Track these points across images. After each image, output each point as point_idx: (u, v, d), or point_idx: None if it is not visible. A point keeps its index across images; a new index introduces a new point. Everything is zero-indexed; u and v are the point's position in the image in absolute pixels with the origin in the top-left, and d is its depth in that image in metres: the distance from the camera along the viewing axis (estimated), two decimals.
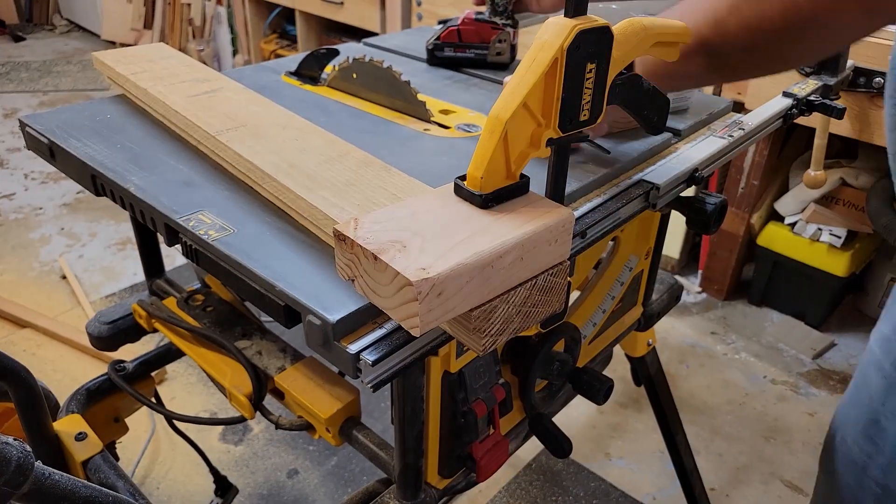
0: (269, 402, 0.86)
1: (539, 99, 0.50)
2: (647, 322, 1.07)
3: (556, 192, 0.56)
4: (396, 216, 0.48)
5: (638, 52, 0.60)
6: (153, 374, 1.05)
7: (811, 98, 0.97)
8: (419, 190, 0.60)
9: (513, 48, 1.05)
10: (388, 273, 0.43)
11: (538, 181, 0.55)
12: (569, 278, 0.53)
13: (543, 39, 0.49)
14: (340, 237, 0.47)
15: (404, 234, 0.46)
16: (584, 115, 0.53)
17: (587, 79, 0.51)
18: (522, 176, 0.52)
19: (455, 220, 0.49)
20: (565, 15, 0.50)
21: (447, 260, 0.43)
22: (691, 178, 0.79)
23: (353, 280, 0.48)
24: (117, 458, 1.02)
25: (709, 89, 1.56)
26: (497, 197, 0.51)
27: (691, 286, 2.18)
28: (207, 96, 0.80)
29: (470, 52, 1.06)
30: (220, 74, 0.88)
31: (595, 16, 0.50)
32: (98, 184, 0.72)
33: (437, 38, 1.07)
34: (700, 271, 2.17)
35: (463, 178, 0.51)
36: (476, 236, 0.46)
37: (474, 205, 0.50)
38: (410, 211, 0.49)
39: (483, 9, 1.04)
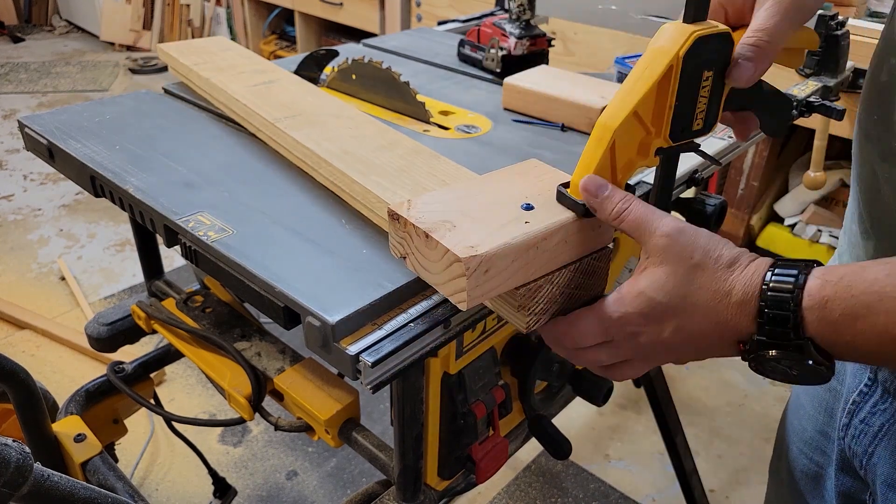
0: (269, 403, 0.85)
1: (650, 108, 0.48)
2: None
3: (660, 201, 0.54)
4: (447, 199, 0.50)
5: None
6: (152, 375, 1.04)
7: (811, 99, 0.97)
8: (467, 177, 0.62)
9: (511, 59, 1.03)
10: (438, 250, 0.46)
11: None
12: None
13: (658, 45, 0.47)
14: (394, 216, 0.49)
15: (454, 214, 0.48)
16: (698, 124, 0.50)
17: (703, 87, 0.48)
18: (628, 186, 0.50)
19: (501, 202, 0.50)
20: (684, 20, 0.47)
21: (494, 239, 0.45)
22: (691, 179, 0.79)
23: (404, 257, 0.50)
24: (116, 460, 1.02)
25: None
26: None
27: None
28: (265, 86, 0.84)
29: (479, 54, 1.07)
30: (276, 66, 0.91)
31: (715, 21, 0.47)
32: (97, 185, 0.72)
33: (465, 34, 1.11)
34: None
35: (566, 185, 0.50)
36: (522, 218, 0.48)
37: (577, 214, 0.49)
38: (460, 194, 0.51)
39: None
